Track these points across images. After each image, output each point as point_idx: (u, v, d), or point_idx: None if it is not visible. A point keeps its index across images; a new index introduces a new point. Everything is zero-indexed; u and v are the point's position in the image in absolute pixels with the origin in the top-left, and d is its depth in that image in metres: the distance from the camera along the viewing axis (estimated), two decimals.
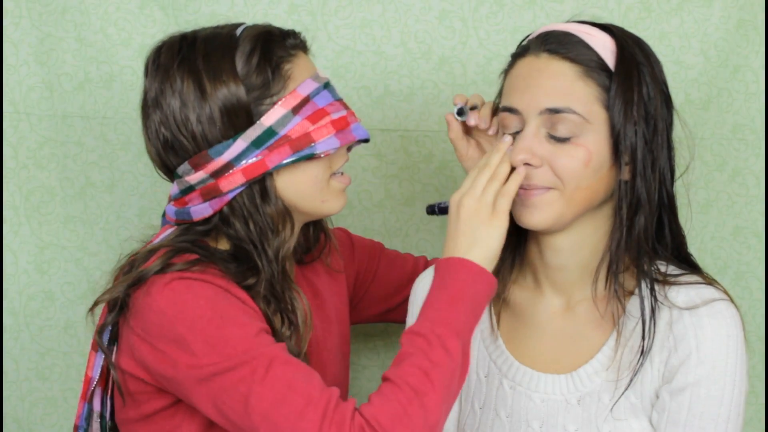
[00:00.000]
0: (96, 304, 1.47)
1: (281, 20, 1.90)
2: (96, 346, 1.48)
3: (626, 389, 1.41)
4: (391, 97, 1.92)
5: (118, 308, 1.44)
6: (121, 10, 1.90)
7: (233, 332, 1.35)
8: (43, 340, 1.98)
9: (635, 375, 1.40)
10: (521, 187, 1.41)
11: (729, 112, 1.91)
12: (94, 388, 1.50)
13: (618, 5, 1.88)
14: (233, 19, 1.88)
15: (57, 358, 1.98)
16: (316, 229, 1.63)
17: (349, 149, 1.54)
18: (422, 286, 1.58)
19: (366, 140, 1.52)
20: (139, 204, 1.95)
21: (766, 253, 1.93)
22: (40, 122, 1.93)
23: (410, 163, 1.95)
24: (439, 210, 1.54)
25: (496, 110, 1.51)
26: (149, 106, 1.46)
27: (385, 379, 1.35)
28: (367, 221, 1.96)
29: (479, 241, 1.37)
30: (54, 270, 1.97)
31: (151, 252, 1.45)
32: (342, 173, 1.52)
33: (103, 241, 1.96)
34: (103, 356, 1.47)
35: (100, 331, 1.46)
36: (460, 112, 1.53)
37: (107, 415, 1.52)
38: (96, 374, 1.49)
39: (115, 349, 1.47)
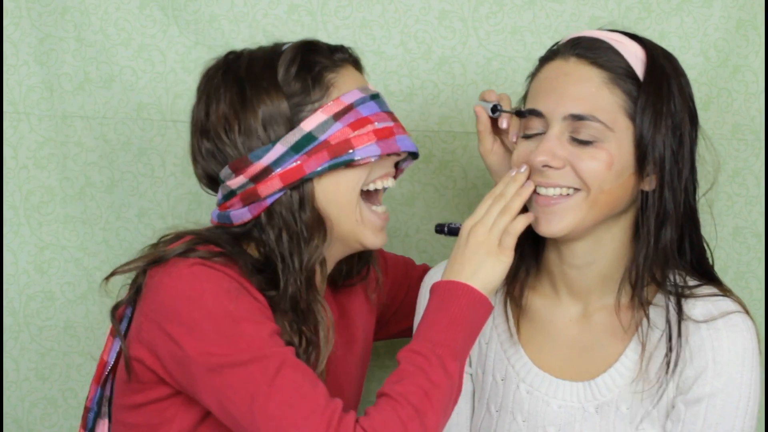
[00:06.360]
0: (113, 274, 1.48)
1: (281, 20, 1.89)
2: (114, 331, 1.49)
3: (656, 404, 1.41)
4: (391, 97, 1.91)
5: (135, 289, 1.44)
6: (121, 10, 1.90)
7: (248, 328, 1.35)
8: (42, 340, 1.98)
9: (662, 389, 1.41)
10: (538, 193, 1.41)
11: (729, 112, 1.91)
12: (109, 373, 1.50)
13: (618, 5, 1.88)
14: (232, 19, 1.88)
15: (57, 359, 1.98)
16: (361, 260, 1.62)
17: (397, 166, 1.53)
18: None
19: (414, 154, 1.50)
20: (139, 204, 1.95)
21: (766, 253, 1.93)
22: (40, 122, 1.93)
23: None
24: (448, 231, 1.53)
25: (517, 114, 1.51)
26: (196, 116, 1.49)
27: (382, 394, 1.34)
28: None
29: (483, 270, 1.38)
30: (54, 270, 1.96)
31: (178, 237, 1.46)
32: (384, 212, 1.51)
33: (103, 241, 1.96)
34: (119, 342, 1.47)
35: (113, 310, 1.47)
36: (494, 110, 1.51)
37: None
38: (112, 359, 1.49)
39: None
